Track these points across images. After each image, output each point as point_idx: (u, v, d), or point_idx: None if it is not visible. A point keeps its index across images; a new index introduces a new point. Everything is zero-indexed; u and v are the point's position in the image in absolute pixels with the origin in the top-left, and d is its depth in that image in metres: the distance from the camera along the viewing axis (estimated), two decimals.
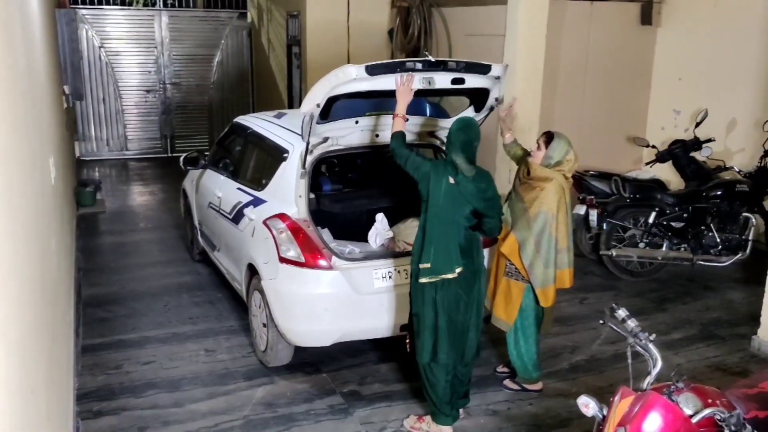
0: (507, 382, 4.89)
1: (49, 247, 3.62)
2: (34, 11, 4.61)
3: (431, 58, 4.47)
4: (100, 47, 12.07)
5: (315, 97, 4.45)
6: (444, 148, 5.08)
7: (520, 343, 4.69)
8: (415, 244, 4.16)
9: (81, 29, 11.49)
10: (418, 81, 4.45)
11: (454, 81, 4.62)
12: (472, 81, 4.70)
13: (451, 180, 4.01)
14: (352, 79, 4.29)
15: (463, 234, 4.07)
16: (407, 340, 4.38)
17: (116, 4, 12.35)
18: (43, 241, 3.32)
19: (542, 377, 4.84)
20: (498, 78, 4.77)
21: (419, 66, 4.41)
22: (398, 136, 4.19)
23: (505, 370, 5.02)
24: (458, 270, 4.02)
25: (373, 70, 4.27)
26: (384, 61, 4.45)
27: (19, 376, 2.13)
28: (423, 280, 4.04)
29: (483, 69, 4.68)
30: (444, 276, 4.02)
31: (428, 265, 4.02)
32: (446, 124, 5.35)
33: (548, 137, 4.50)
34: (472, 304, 4.16)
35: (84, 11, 11.81)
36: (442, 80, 4.55)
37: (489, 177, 4.16)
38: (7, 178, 2.26)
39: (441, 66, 4.51)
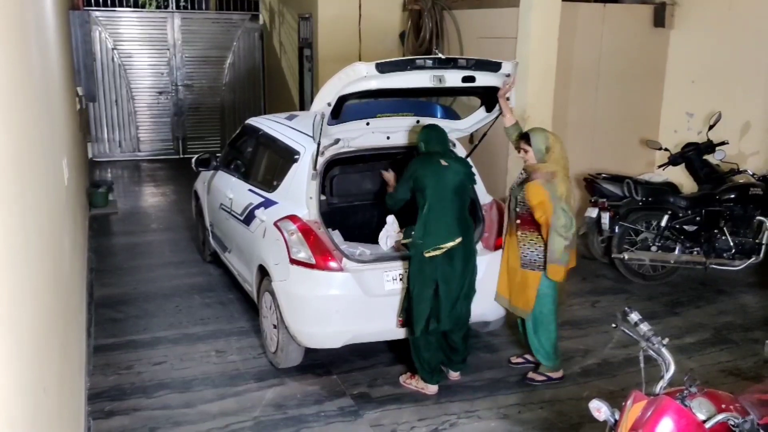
0: (531, 374, 4.96)
1: (62, 248, 3.64)
2: (48, 13, 4.65)
3: (441, 56, 4.47)
4: (113, 49, 12.15)
5: (326, 96, 4.45)
6: (452, 149, 5.28)
7: (539, 331, 4.80)
8: (417, 226, 4.56)
9: (94, 31, 11.58)
10: (429, 79, 4.46)
11: (465, 79, 4.61)
12: (483, 79, 4.69)
13: (443, 162, 4.60)
14: (363, 76, 4.29)
15: (458, 210, 4.59)
16: (400, 318, 4.78)
17: (129, 7, 12.43)
18: (56, 242, 3.33)
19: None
20: (508, 75, 4.76)
21: (429, 63, 4.41)
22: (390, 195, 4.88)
23: (520, 360, 5.13)
24: (458, 240, 4.51)
25: (383, 68, 4.28)
26: (394, 59, 4.45)
27: (32, 375, 2.14)
28: (430, 253, 4.46)
29: (493, 66, 4.68)
30: (447, 245, 4.48)
31: (428, 239, 4.49)
32: (457, 125, 5.35)
33: (526, 137, 4.70)
34: (467, 277, 4.64)
35: (97, 13, 11.89)
36: (453, 78, 4.55)
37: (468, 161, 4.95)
38: (21, 178, 2.28)
39: (451, 63, 4.51)
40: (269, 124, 5.95)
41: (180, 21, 12.47)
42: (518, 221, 4.75)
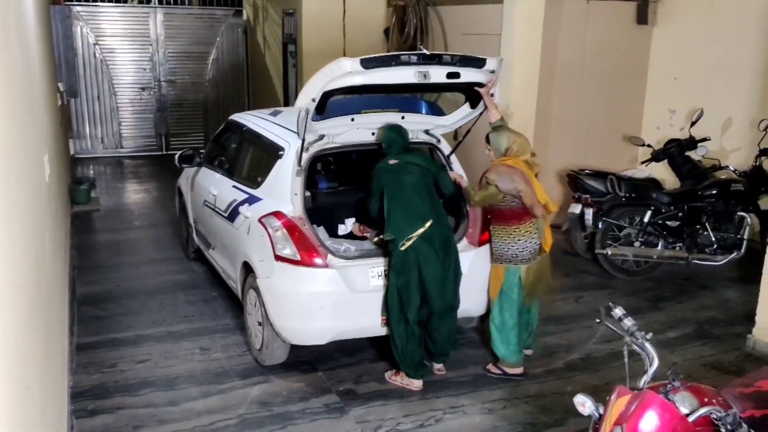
0: (490, 367, 5.03)
1: (43, 245, 3.60)
2: (28, 8, 4.59)
3: (426, 52, 4.46)
4: (94, 44, 12.02)
5: (310, 92, 4.44)
6: (437, 145, 5.44)
7: (505, 327, 4.86)
8: (386, 224, 4.66)
9: (76, 26, 11.46)
10: (413, 75, 4.46)
11: (450, 75, 4.61)
12: (468, 75, 4.70)
13: (392, 161, 4.74)
14: (347, 72, 4.28)
15: (424, 199, 4.66)
16: (383, 318, 4.78)
17: (111, 1, 12.30)
18: (37, 239, 3.30)
19: (524, 362, 5.02)
20: (493, 72, 4.77)
21: (414, 59, 4.40)
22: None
23: (497, 371, 5.03)
24: (428, 224, 4.57)
25: (368, 64, 4.27)
26: (379, 55, 4.44)
27: (14, 374, 2.12)
28: (405, 245, 4.53)
29: (478, 63, 4.69)
30: (417, 233, 4.54)
31: (398, 233, 4.57)
32: (442, 122, 5.35)
33: (487, 138, 4.89)
34: (450, 258, 4.68)
35: (79, 8, 11.76)
36: (437, 74, 4.55)
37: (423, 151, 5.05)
38: (1, 175, 2.25)
39: (436, 59, 4.50)
40: (253, 120, 5.92)
41: (162, 16, 12.36)
42: (489, 216, 4.96)
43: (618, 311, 2.96)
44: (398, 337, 4.68)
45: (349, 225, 5.35)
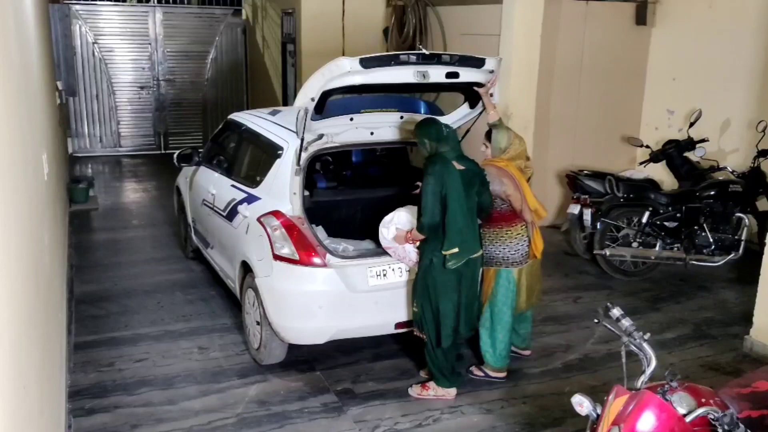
0: (473, 368, 5.00)
1: (41, 244, 3.60)
2: (27, 6, 4.58)
3: (425, 51, 4.47)
4: (93, 43, 12.02)
5: (309, 91, 4.44)
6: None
7: (495, 329, 4.83)
8: (431, 236, 4.37)
9: (74, 25, 11.45)
10: (413, 74, 4.46)
11: (449, 75, 4.62)
12: (467, 75, 4.70)
13: (459, 166, 4.35)
14: (346, 71, 4.28)
15: (475, 218, 4.47)
16: (415, 332, 4.64)
17: (110, 0, 12.30)
18: (35, 238, 3.30)
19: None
20: (492, 71, 4.78)
21: (413, 59, 4.41)
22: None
23: (480, 374, 5.01)
24: (480, 251, 4.51)
25: (367, 63, 4.27)
26: (378, 54, 4.44)
27: (11, 373, 2.11)
28: (450, 264, 4.31)
29: (477, 62, 4.70)
30: (471, 256, 4.40)
31: (456, 250, 4.30)
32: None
33: (488, 134, 4.84)
34: (477, 280, 4.66)
35: (78, 7, 11.76)
36: (437, 74, 4.55)
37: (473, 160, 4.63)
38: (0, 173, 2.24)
39: (435, 59, 4.51)
40: (252, 119, 5.92)
41: (161, 15, 12.37)
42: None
43: (616, 312, 2.97)
44: (440, 353, 4.57)
45: (391, 231, 4.67)
